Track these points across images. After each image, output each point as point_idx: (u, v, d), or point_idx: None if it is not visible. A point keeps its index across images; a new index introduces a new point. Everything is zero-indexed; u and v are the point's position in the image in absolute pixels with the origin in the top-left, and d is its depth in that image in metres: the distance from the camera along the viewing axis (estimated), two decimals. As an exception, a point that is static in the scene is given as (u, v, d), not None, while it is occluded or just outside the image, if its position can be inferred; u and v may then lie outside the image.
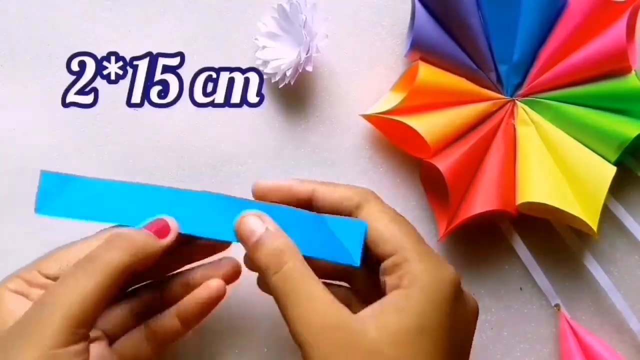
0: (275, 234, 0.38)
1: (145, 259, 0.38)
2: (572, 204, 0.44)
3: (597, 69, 0.44)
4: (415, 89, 0.45)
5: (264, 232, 0.38)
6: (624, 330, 0.47)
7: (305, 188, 0.40)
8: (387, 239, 0.38)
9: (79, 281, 0.36)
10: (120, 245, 0.37)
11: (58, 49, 0.50)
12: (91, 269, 0.36)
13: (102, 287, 0.36)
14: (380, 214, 0.39)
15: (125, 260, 0.37)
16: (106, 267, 0.36)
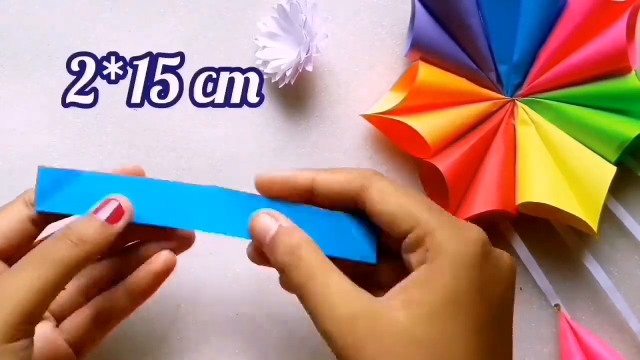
0: (288, 230, 0.37)
1: (97, 251, 0.37)
2: (572, 204, 0.44)
3: (597, 69, 0.44)
4: (415, 89, 0.45)
5: (277, 230, 0.37)
6: (624, 330, 0.47)
7: (304, 177, 0.38)
8: (402, 217, 0.36)
9: (27, 276, 0.35)
10: (72, 240, 0.36)
11: (58, 49, 0.50)
12: (41, 266, 0.35)
13: (52, 283, 0.35)
14: (388, 192, 0.37)
15: (76, 255, 0.36)
16: (56, 263, 0.35)
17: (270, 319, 0.47)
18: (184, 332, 0.47)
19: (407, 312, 0.33)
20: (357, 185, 0.37)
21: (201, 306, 0.47)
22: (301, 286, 0.35)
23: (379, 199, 0.37)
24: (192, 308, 0.47)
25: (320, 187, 0.38)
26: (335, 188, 0.38)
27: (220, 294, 0.47)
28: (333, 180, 0.38)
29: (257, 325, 0.47)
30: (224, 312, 0.47)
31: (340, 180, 0.38)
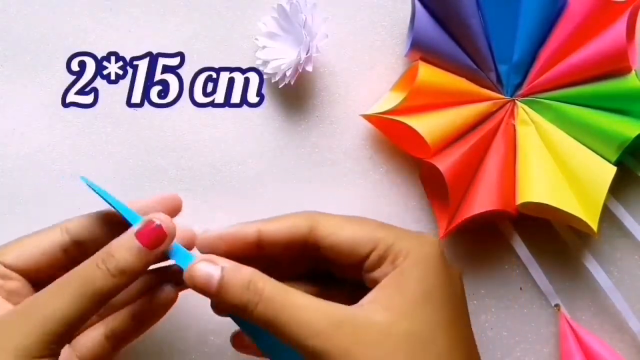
0: (234, 267, 0.36)
1: (134, 280, 0.37)
2: (572, 204, 0.44)
3: (597, 69, 0.44)
4: (415, 89, 0.45)
5: (223, 273, 0.36)
6: (624, 330, 0.47)
7: (250, 229, 0.38)
8: (361, 240, 0.37)
9: (64, 300, 0.35)
10: (111, 271, 0.36)
11: (58, 49, 0.50)
12: (80, 294, 0.36)
13: (86, 312, 0.36)
14: (339, 224, 0.37)
15: (114, 286, 0.36)
16: (95, 294, 0.36)
17: None
18: (184, 332, 0.47)
19: (384, 314, 0.34)
20: (304, 226, 0.37)
21: (201, 306, 0.46)
22: (272, 318, 0.35)
23: (331, 232, 0.37)
24: (192, 308, 0.47)
25: (267, 237, 0.38)
26: (281, 237, 0.38)
27: None
28: (279, 228, 0.38)
29: None
30: None
31: (286, 225, 0.38)
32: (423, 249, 0.36)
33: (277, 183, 0.49)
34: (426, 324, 0.35)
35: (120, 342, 0.42)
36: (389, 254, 0.36)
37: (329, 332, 0.34)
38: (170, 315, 0.47)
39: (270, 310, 0.35)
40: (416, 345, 0.34)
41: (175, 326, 0.47)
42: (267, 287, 0.35)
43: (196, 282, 0.36)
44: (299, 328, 0.34)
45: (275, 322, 0.35)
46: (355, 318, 0.34)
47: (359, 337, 0.34)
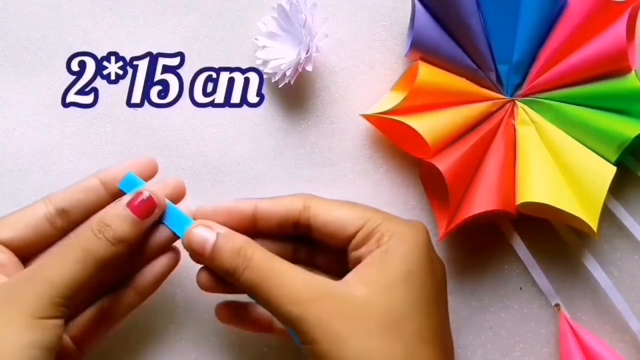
0: (229, 234, 0.39)
1: (131, 249, 0.39)
2: (572, 204, 0.44)
3: (597, 69, 0.44)
4: (416, 89, 0.44)
5: (217, 238, 0.38)
6: (624, 330, 0.47)
7: (247, 205, 0.40)
8: (351, 218, 0.39)
9: (68, 266, 0.37)
10: (109, 239, 0.38)
11: (58, 49, 0.50)
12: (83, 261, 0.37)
13: (90, 277, 0.37)
14: (331, 204, 0.40)
15: (113, 254, 0.38)
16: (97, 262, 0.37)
17: None
18: (184, 332, 0.47)
19: (366, 288, 0.36)
20: (298, 205, 0.40)
21: (201, 306, 0.47)
22: (257, 283, 0.37)
23: (323, 211, 0.39)
24: (192, 308, 0.47)
25: (262, 213, 0.40)
26: (278, 212, 0.40)
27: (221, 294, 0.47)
28: (275, 205, 0.40)
29: None
30: None
31: (282, 204, 0.40)
32: (409, 232, 0.38)
33: (277, 183, 0.48)
34: (403, 302, 0.36)
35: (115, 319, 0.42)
36: (376, 233, 0.38)
37: (308, 300, 0.36)
38: (170, 315, 0.47)
39: (256, 275, 0.37)
40: (390, 321, 0.35)
41: (174, 326, 0.47)
42: (256, 254, 0.37)
43: (193, 245, 0.39)
44: (280, 294, 0.36)
45: (259, 287, 0.37)
46: (335, 291, 0.36)
47: (336, 308, 0.35)
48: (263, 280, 0.37)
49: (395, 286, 0.36)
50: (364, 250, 0.38)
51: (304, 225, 0.40)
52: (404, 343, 0.35)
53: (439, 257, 0.41)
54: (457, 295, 0.47)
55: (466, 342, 0.47)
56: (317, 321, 0.35)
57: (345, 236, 0.39)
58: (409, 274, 0.37)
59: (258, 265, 0.37)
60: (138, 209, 0.39)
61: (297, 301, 0.36)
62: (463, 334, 0.47)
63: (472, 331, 0.47)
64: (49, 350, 0.36)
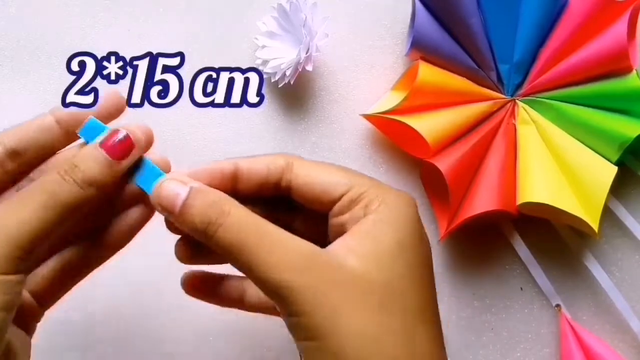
0: (203, 189, 0.34)
1: (101, 193, 0.34)
2: (572, 204, 0.44)
3: (598, 68, 0.44)
4: (416, 88, 0.44)
5: (189, 191, 0.33)
6: (625, 330, 0.47)
7: (228, 164, 0.36)
8: (336, 181, 0.35)
9: (29, 213, 0.32)
10: (78, 182, 0.33)
11: (58, 49, 0.50)
12: (45, 206, 0.33)
13: (53, 224, 0.33)
14: (313, 166, 0.36)
15: (81, 198, 0.33)
16: (62, 206, 0.33)
17: (270, 319, 0.46)
18: (184, 333, 0.47)
19: (356, 260, 0.33)
20: (280, 164, 0.36)
21: (201, 306, 0.47)
22: (236, 244, 0.32)
23: (306, 171, 0.35)
24: (192, 308, 0.46)
25: (244, 173, 0.36)
26: (259, 171, 0.36)
27: None
28: (256, 164, 0.36)
29: (257, 325, 0.47)
30: (224, 312, 0.46)
31: (263, 162, 0.36)
32: (400, 200, 0.35)
33: (277, 183, 0.48)
34: (398, 277, 0.33)
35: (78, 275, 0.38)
36: (363, 199, 0.34)
37: (300, 267, 0.32)
38: (169, 316, 0.47)
39: (235, 235, 0.32)
40: (389, 295, 0.33)
41: (174, 326, 0.47)
42: (234, 210, 0.33)
43: (162, 201, 0.34)
44: (266, 258, 0.32)
45: (239, 249, 0.32)
46: (327, 258, 0.32)
47: (332, 278, 0.32)
48: (244, 241, 0.32)
49: (390, 259, 0.33)
50: (348, 217, 0.35)
51: (284, 186, 0.36)
52: (404, 317, 0.33)
53: None
54: (458, 296, 0.47)
55: (468, 343, 0.47)
56: (310, 290, 0.31)
57: (329, 200, 0.35)
58: (403, 245, 0.34)
59: (237, 222, 0.32)
60: (113, 149, 0.34)
61: (287, 268, 0.31)
62: (464, 334, 0.47)
63: (473, 332, 0.47)
64: (7, 310, 0.32)
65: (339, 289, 0.32)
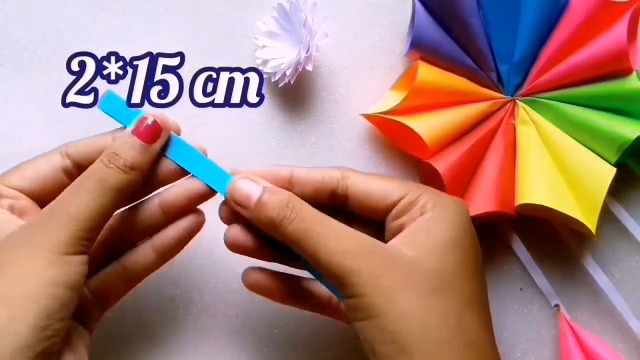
0: (275, 189, 0.38)
1: (143, 175, 0.39)
2: (570, 206, 0.44)
3: (598, 69, 0.44)
4: (415, 88, 0.44)
5: (263, 190, 0.38)
6: (624, 331, 0.46)
7: (283, 171, 0.40)
8: (393, 188, 0.38)
9: (87, 198, 0.36)
10: (120, 167, 0.38)
11: (58, 49, 0.49)
12: (99, 192, 0.37)
13: (109, 208, 0.37)
14: (370, 175, 0.39)
15: (127, 182, 0.38)
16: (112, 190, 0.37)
17: (270, 318, 0.47)
18: (184, 332, 0.47)
19: (414, 250, 0.36)
20: (336, 175, 0.39)
21: (201, 306, 0.47)
22: (305, 233, 0.36)
23: (363, 180, 0.39)
24: (192, 308, 0.47)
25: (299, 179, 0.39)
26: (314, 179, 0.39)
27: (221, 294, 0.47)
28: (312, 173, 0.39)
29: (257, 325, 0.47)
30: (224, 312, 0.47)
31: (319, 172, 0.39)
32: (453, 203, 0.38)
33: (277, 183, 0.48)
34: (452, 266, 0.36)
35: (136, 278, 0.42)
36: (419, 201, 0.37)
37: (359, 253, 0.35)
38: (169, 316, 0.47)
39: (304, 225, 0.36)
40: (441, 282, 0.35)
41: (174, 326, 0.47)
42: (304, 207, 0.37)
43: (237, 195, 0.38)
44: (330, 245, 0.35)
45: (308, 238, 0.36)
46: (385, 248, 0.36)
47: (389, 264, 0.35)
48: (312, 230, 0.36)
49: (443, 250, 0.36)
50: (406, 219, 0.37)
51: (341, 195, 0.39)
52: (454, 304, 0.35)
53: None
54: (457, 296, 0.47)
55: (466, 343, 0.47)
56: (368, 274, 0.35)
57: (386, 205, 0.38)
58: (455, 240, 0.37)
59: (306, 216, 0.37)
60: (144, 134, 0.39)
61: (348, 253, 0.35)
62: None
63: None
64: (72, 288, 0.35)
65: (394, 273, 0.35)
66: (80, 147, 0.40)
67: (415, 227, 0.37)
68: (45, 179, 0.40)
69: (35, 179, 0.40)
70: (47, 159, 0.40)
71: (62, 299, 0.35)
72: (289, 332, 0.47)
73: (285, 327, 0.47)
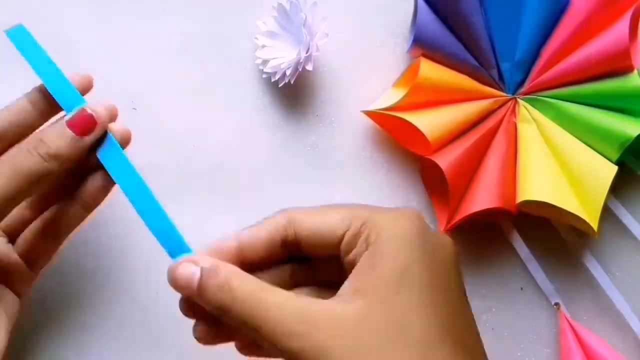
0: (211, 270, 0.34)
1: (66, 166, 0.37)
2: (572, 203, 0.43)
3: (599, 67, 0.44)
4: (417, 85, 0.44)
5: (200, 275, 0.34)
6: (624, 330, 0.46)
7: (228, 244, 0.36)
8: (335, 221, 0.35)
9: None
10: (42, 154, 0.36)
11: (58, 49, 0.48)
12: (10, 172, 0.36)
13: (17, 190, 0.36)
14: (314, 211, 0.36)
15: (44, 170, 0.36)
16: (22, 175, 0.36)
17: None
18: (184, 332, 0.46)
19: (357, 302, 0.32)
20: (282, 222, 0.36)
21: None
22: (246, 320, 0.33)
23: (307, 220, 0.35)
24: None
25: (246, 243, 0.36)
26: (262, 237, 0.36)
27: None
28: (258, 230, 0.36)
29: None
30: None
31: (264, 226, 0.36)
32: (398, 223, 0.34)
33: (277, 183, 0.48)
34: (401, 308, 0.32)
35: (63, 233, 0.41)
36: (363, 232, 0.34)
37: (304, 331, 0.32)
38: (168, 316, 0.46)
39: (243, 311, 0.33)
40: (391, 332, 0.32)
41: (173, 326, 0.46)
42: (242, 285, 0.33)
43: (179, 283, 0.35)
44: (274, 329, 0.32)
45: (250, 324, 0.33)
46: (331, 313, 0.32)
47: (334, 332, 0.32)
48: (252, 316, 0.33)
49: (391, 292, 0.32)
50: (355, 253, 0.34)
51: (292, 242, 0.36)
52: (410, 351, 0.32)
53: (442, 237, 0.36)
54: (458, 295, 0.46)
55: (468, 343, 0.46)
56: (315, 351, 0.32)
57: (334, 242, 0.35)
58: (405, 272, 0.32)
59: (242, 297, 0.33)
60: (78, 126, 0.37)
61: (292, 334, 0.32)
62: (464, 334, 0.46)
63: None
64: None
65: (342, 341, 0.31)
66: None
67: (361, 267, 0.33)
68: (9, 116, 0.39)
69: None
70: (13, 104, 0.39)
71: None
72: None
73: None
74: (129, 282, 0.47)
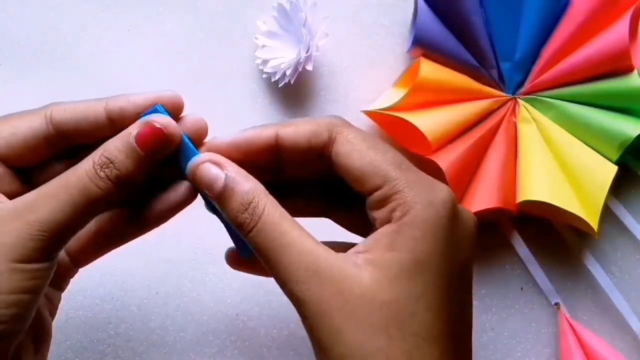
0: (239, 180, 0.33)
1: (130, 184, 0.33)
2: (572, 203, 0.43)
3: (599, 67, 0.44)
4: (417, 85, 0.44)
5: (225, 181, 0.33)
6: (624, 330, 0.46)
7: (267, 135, 0.34)
8: (370, 173, 0.33)
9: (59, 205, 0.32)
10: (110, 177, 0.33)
11: (58, 49, 0.48)
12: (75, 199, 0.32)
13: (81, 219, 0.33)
14: (356, 144, 0.33)
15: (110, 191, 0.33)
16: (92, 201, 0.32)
17: (270, 319, 0.46)
18: (184, 332, 0.46)
19: (373, 274, 0.31)
20: (324, 137, 0.34)
21: (201, 306, 0.46)
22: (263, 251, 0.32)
23: (347, 152, 0.33)
24: (192, 308, 0.46)
25: (285, 143, 0.34)
26: (301, 142, 0.34)
27: (221, 294, 0.46)
28: (298, 134, 0.34)
29: (257, 325, 0.46)
30: (224, 312, 0.46)
31: (305, 133, 0.34)
32: (429, 208, 0.32)
33: (277, 183, 0.47)
34: (409, 297, 0.31)
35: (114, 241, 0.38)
36: (391, 201, 0.32)
37: (310, 282, 0.31)
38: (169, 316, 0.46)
39: (263, 240, 0.32)
40: (393, 318, 0.31)
41: (173, 326, 0.46)
42: (267, 210, 0.32)
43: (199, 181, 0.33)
44: (284, 268, 0.32)
45: (266, 256, 0.32)
46: (341, 273, 0.31)
47: (340, 295, 0.31)
48: (269, 249, 0.32)
49: (403, 276, 0.31)
50: (378, 216, 0.32)
51: (327, 160, 0.34)
52: (406, 342, 0.31)
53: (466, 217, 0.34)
54: (458, 295, 0.46)
55: (468, 343, 0.46)
56: (315, 309, 0.31)
57: (363, 190, 0.33)
58: (419, 263, 0.31)
59: (266, 227, 0.32)
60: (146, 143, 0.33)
61: (299, 280, 0.31)
62: (464, 334, 0.46)
63: (474, 332, 0.45)
64: (34, 293, 0.32)
65: (345, 306, 0.31)
66: (68, 113, 0.35)
67: (381, 240, 0.32)
68: (23, 145, 0.35)
69: (10, 142, 0.35)
70: (27, 121, 0.35)
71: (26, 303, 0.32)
72: (289, 332, 0.46)
73: (285, 327, 0.46)
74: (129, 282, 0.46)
